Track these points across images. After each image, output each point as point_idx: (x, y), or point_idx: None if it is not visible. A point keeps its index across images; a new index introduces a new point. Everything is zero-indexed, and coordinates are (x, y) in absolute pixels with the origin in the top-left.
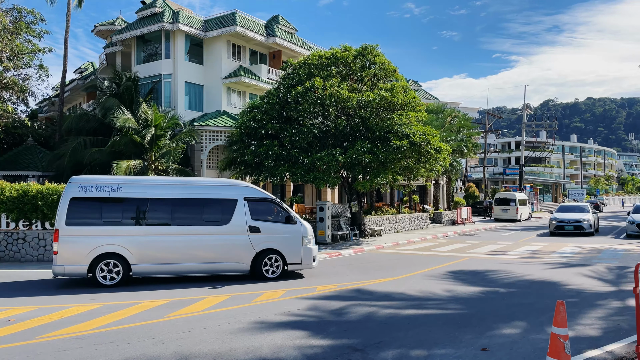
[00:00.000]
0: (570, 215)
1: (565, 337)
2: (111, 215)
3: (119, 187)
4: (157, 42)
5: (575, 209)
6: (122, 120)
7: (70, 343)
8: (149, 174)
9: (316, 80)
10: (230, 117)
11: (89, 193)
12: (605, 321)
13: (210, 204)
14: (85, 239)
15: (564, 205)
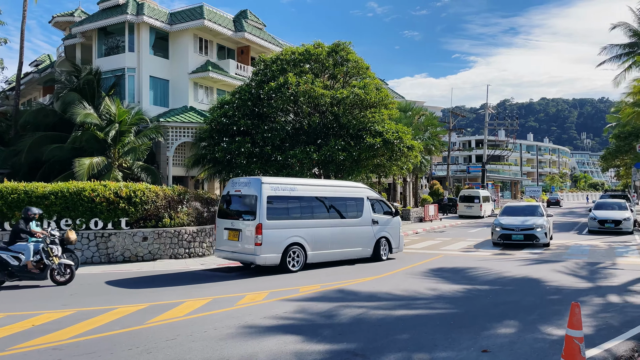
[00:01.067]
0: (519, 220)
1: (580, 339)
2: (293, 210)
3: (294, 187)
4: (121, 35)
5: (525, 211)
6: (83, 116)
7: (47, 354)
8: (113, 171)
9: (289, 76)
10: (197, 113)
11: (278, 192)
12: (594, 319)
13: (349, 201)
14: (280, 232)
15: (510, 206)
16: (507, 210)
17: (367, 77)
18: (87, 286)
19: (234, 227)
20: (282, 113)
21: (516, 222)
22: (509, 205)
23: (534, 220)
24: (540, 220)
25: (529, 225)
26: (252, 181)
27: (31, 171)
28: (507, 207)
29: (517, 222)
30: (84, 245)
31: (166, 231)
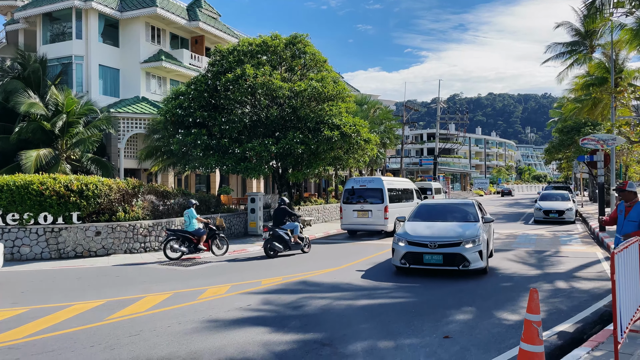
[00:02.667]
0: (436, 230)
1: (538, 323)
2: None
3: (393, 182)
4: (67, 21)
5: (448, 213)
6: (27, 105)
7: (2, 354)
8: (61, 163)
9: (247, 68)
10: (150, 103)
11: (390, 185)
12: (545, 304)
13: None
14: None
15: (427, 205)
16: (422, 211)
17: (324, 70)
18: (37, 283)
19: (363, 209)
20: (239, 105)
21: (432, 232)
22: (425, 204)
23: (461, 230)
24: (472, 229)
25: (452, 238)
26: (375, 180)
27: None
28: (422, 206)
29: (433, 232)
30: (32, 240)
31: (120, 225)
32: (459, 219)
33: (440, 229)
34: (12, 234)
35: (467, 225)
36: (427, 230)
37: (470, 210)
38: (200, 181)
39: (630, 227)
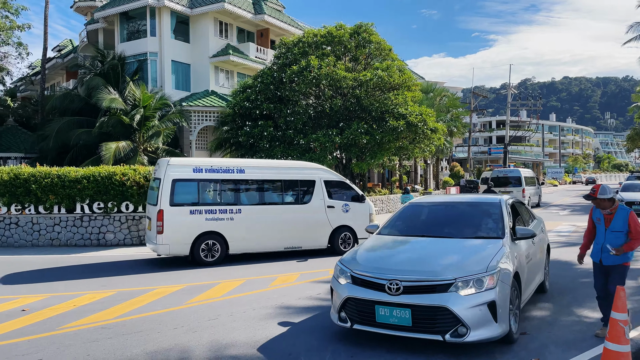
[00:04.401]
0: (420, 252)
1: (625, 322)
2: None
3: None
4: (142, 19)
5: (454, 219)
6: (109, 101)
7: (97, 333)
8: (138, 155)
9: (312, 59)
10: (219, 97)
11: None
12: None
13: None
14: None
15: (418, 204)
16: (406, 215)
17: (389, 59)
18: (125, 268)
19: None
20: (304, 96)
21: (405, 258)
22: (416, 204)
23: (458, 257)
24: (483, 253)
25: (431, 274)
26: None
27: (59, 155)
28: (409, 207)
29: (406, 259)
30: (115, 227)
31: None
32: (468, 231)
33: (422, 252)
34: (97, 221)
35: (478, 246)
36: (397, 253)
37: (491, 215)
38: None
39: (615, 238)
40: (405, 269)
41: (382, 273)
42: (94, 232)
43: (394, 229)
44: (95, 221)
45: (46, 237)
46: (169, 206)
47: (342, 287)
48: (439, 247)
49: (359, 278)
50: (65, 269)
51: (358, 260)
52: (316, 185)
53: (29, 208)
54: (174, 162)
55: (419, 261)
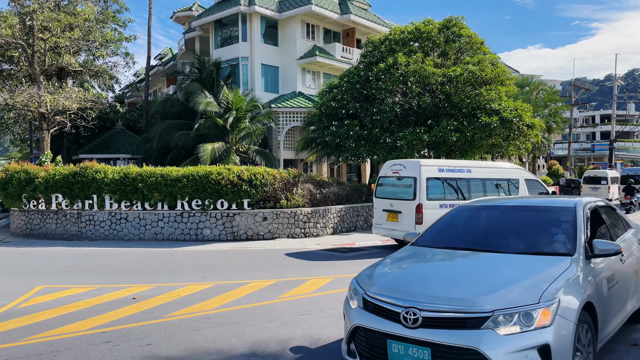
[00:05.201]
0: (462, 270)
1: None
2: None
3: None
4: (234, 26)
5: (513, 228)
6: (204, 104)
7: (199, 323)
8: (231, 155)
9: (399, 56)
10: (305, 98)
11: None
12: None
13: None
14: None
15: (469, 207)
16: (453, 222)
17: (480, 53)
18: (218, 261)
19: None
20: (390, 94)
21: (438, 279)
22: (466, 207)
23: (504, 277)
24: (541, 276)
25: (461, 302)
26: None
27: (161, 156)
28: (459, 211)
29: (441, 280)
30: (212, 224)
31: (283, 212)
32: (526, 245)
33: (456, 271)
34: (195, 217)
35: (534, 266)
36: (425, 271)
37: (560, 223)
38: (351, 170)
39: None
40: (430, 293)
41: (400, 297)
42: (192, 227)
43: (433, 239)
44: (194, 217)
45: (151, 232)
46: (426, 200)
47: (352, 311)
48: (482, 265)
49: (371, 302)
50: (169, 262)
51: (374, 279)
52: (520, 182)
53: (136, 205)
54: (424, 163)
55: (450, 283)
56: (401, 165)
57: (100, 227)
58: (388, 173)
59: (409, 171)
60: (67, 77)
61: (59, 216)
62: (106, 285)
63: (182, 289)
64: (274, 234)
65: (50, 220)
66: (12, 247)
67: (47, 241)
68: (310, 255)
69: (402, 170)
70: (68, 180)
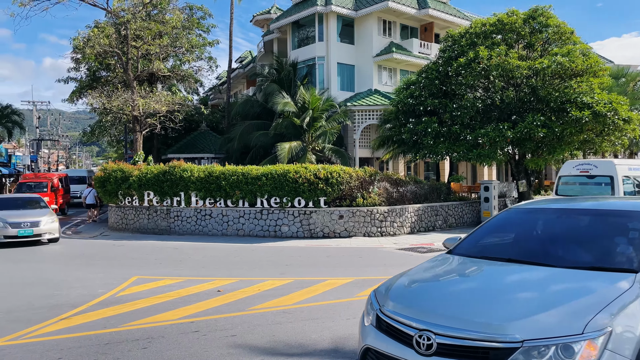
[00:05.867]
0: (507, 287)
1: None
2: None
3: None
4: (311, 26)
5: (576, 237)
6: (282, 105)
7: (280, 317)
8: (307, 154)
9: (480, 50)
10: (381, 95)
11: None
12: None
13: None
14: None
15: (524, 209)
16: (503, 224)
17: (570, 43)
18: (296, 257)
19: None
20: (471, 90)
21: (451, 302)
22: (520, 208)
23: (544, 304)
24: (598, 297)
25: (488, 328)
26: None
27: (242, 155)
28: (511, 212)
29: (454, 303)
30: (289, 221)
31: (360, 210)
32: (582, 258)
33: (486, 288)
34: (274, 214)
35: (584, 285)
36: (449, 287)
37: (627, 232)
38: (429, 168)
39: None
40: (450, 313)
41: (415, 317)
42: (271, 224)
43: (472, 246)
44: (272, 215)
45: (233, 228)
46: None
47: (364, 329)
48: (520, 281)
49: (384, 320)
50: (250, 257)
51: (390, 293)
52: None
53: (219, 202)
54: (618, 162)
55: (476, 302)
56: (591, 164)
57: (187, 222)
58: (573, 172)
59: (602, 170)
60: (156, 82)
61: (151, 212)
62: (193, 278)
63: (262, 283)
64: (350, 232)
65: (142, 216)
66: (110, 240)
67: (140, 235)
68: (387, 254)
69: (593, 170)
70: (158, 179)
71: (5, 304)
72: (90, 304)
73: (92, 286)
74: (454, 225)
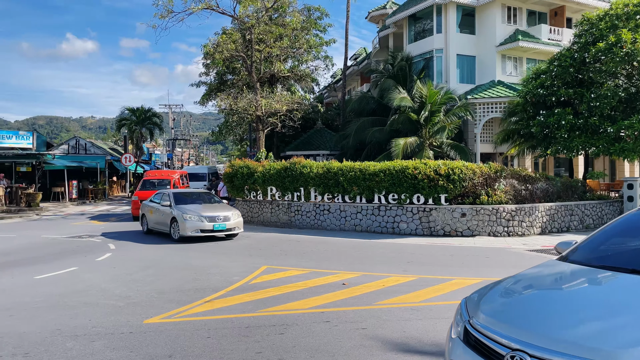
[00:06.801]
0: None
1: None
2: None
3: None
4: (428, 19)
5: None
6: (398, 100)
7: (408, 314)
8: (425, 150)
9: (623, 33)
10: (506, 86)
11: None
12: None
13: None
14: None
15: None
16: (617, 231)
17: None
18: (418, 255)
19: None
20: (611, 77)
21: (555, 319)
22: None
23: None
24: None
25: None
26: None
27: (356, 152)
28: (632, 217)
29: (558, 320)
30: (408, 218)
31: (484, 208)
32: None
33: (603, 304)
34: (392, 211)
35: None
36: (556, 301)
37: None
38: (559, 165)
39: None
40: (551, 333)
41: (508, 333)
42: (389, 221)
43: (591, 252)
44: (390, 211)
45: (350, 223)
46: None
47: (451, 342)
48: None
49: (472, 334)
50: (369, 252)
51: (482, 303)
52: None
53: (337, 197)
54: None
55: (586, 321)
56: None
57: (307, 217)
58: None
59: None
60: (276, 83)
61: (273, 206)
62: (318, 270)
63: (386, 279)
64: (473, 231)
65: (266, 210)
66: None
67: (264, 227)
68: (516, 255)
69: None
70: (280, 175)
71: (160, 286)
72: (228, 290)
73: (227, 273)
74: (592, 226)
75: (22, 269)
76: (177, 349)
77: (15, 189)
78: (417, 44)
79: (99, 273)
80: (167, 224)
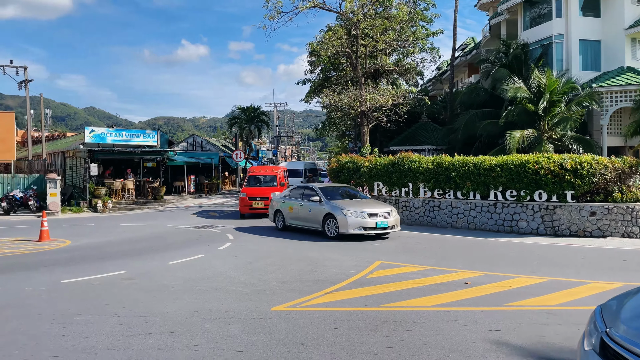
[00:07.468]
0: None
1: None
2: None
3: None
4: (546, 2)
5: None
6: (513, 90)
7: (544, 317)
8: (543, 143)
9: None
10: (637, 73)
11: None
12: None
13: None
14: None
15: None
16: None
17: None
18: (543, 255)
19: None
20: None
21: None
22: None
23: None
24: None
25: None
26: None
27: (464, 147)
28: None
29: None
30: (528, 216)
31: (617, 206)
32: None
33: None
34: (510, 208)
35: None
36: None
37: None
38: None
39: None
40: None
41: None
42: (506, 218)
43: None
44: (508, 208)
45: (463, 220)
46: None
47: (584, 355)
48: None
49: (611, 347)
50: (487, 251)
51: (623, 312)
52: None
53: (449, 193)
54: None
55: None
56: None
57: (415, 213)
58: None
59: None
60: (380, 77)
61: (380, 201)
62: (435, 267)
63: (512, 280)
64: (604, 232)
65: None
66: None
67: None
68: None
69: None
70: (387, 170)
71: (279, 275)
72: (346, 282)
73: (343, 266)
74: None
75: (157, 255)
76: (307, 337)
77: (143, 183)
78: (533, 30)
79: (222, 261)
80: (319, 220)
